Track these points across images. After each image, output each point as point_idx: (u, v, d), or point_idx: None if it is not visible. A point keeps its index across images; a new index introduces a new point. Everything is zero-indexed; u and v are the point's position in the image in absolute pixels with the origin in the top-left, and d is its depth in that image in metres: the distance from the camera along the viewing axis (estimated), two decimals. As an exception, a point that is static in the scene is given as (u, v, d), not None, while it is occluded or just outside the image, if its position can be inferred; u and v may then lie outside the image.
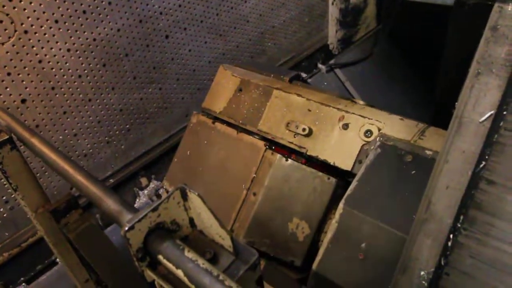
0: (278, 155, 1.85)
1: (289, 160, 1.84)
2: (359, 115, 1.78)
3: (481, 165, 0.92)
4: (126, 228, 0.83)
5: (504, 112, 0.93)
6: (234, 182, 1.93)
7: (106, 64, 2.51)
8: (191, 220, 0.96)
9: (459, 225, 0.92)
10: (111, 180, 2.75)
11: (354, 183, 1.60)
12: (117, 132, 2.72)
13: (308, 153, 1.86)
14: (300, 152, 1.89)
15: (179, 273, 0.81)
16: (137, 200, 2.90)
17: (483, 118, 0.94)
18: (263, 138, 1.98)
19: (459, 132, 0.96)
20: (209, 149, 2.10)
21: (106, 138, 2.67)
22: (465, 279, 0.90)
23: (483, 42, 0.98)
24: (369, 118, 1.75)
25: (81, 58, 2.38)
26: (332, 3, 4.00)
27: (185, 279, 0.80)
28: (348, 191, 1.60)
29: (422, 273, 0.93)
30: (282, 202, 1.82)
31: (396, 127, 1.69)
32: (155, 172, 3.02)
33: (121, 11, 2.47)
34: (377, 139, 1.66)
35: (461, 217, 0.92)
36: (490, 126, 0.94)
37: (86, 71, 2.43)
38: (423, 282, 0.93)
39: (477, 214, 0.92)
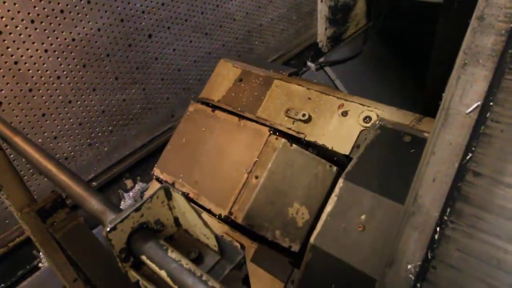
0: (283, 140, 1.91)
1: (294, 145, 1.91)
2: (359, 103, 1.87)
3: (468, 157, 0.94)
4: (108, 229, 0.84)
5: (491, 103, 0.95)
6: (235, 166, 1.98)
7: (86, 64, 2.50)
8: (176, 220, 0.96)
9: (446, 218, 0.95)
10: (94, 183, 2.75)
11: (354, 160, 1.68)
12: (100, 134, 2.72)
13: (306, 139, 1.93)
14: (298, 138, 1.95)
15: (162, 273, 0.82)
16: (122, 202, 2.90)
17: (470, 110, 0.97)
18: (262, 125, 2.05)
19: (446, 123, 0.98)
20: (207, 136, 2.15)
21: (88, 141, 2.66)
22: (452, 272, 0.93)
23: (470, 32, 1.01)
24: (368, 106, 1.84)
25: (59, 59, 2.37)
26: (321, 1, 4.05)
27: (168, 280, 0.81)
28: (348, 167, 1.68)
29: (409, 266, 0.95)
30: (283, 187, 1.86)
31: (395, 114, 1.79)
32: (140, 173, 3.02)
33: (101, 10, 2.47)
34: (376, 122, 1.75)
35: (448, 210, 0.95)
36: (477, 117, 0.96)
37: (65, 72, 2.42)
38: (410, 275, 0.95)
39: (464, 206, 0.94)
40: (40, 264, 2.50)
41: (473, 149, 0.95)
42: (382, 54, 4.59)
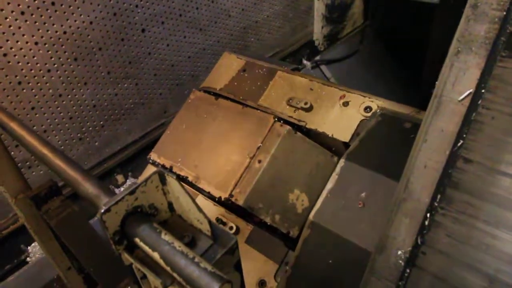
0: (288, 127, 1.98)
1: (298, 133, 1.99)
2: (360, 95, 1.97)
3: (459, 144, 0.98)
4: (102, 211, 0.86)
5: (483, 91, 1.00)
6: (237, 150, 2.05)
7: (77, 58, 2.52)
8: (170, 205, 0.99)
9: (436, 204, 0.98)
10: (84, 179, 2.76)
11: (355, 143, 1.76)
12: (90, 128, 2.73)
13: (307, 126, 2.01)
14: (299, 126, 2.03)
15: (155, 255, 0.84)
16: (113, 197, 2.92)
17: (462, 97, 1.01)
18: (266, 113, 2.12)
19: (438, 111, 1.02)
20: (209, 122, 2.23)
21: (79, 135, 2.68)
22: (441, 257, 0.96)
23: (464, 20, 1.05)
24: (369, 97, 1.94)
25: (50, 52, 2.39)
26: (318, -1, 4.09)
27: (161, 261, 0.84)
28: (350, 148, 1.76)
29: (399, 252, 0.99)
30: (285, 172, 1.94)
31: (395, 106, 1.89)
32: (132, 169, 3.04)
33: (93, 3, 2.49)
34: (377, 111, 1.85)
35: (439, 196, 0.98)
36: (468, 104, 1.00)
37: (56, 65, 2.44)
38: (400, 261, 0.98)
39: (454, 193, 0.98)
40: (28, 259, 2.51)
41: (464, 136, 0.99)
42: (379, 53, 4.65)
